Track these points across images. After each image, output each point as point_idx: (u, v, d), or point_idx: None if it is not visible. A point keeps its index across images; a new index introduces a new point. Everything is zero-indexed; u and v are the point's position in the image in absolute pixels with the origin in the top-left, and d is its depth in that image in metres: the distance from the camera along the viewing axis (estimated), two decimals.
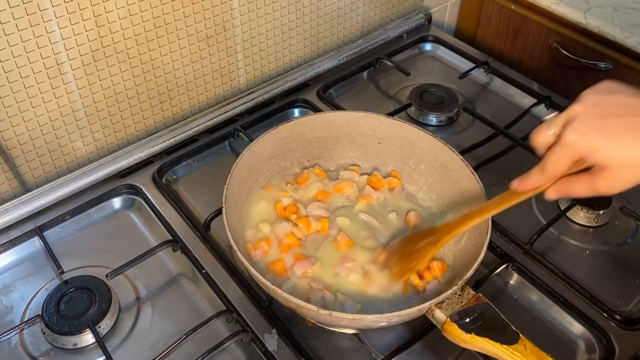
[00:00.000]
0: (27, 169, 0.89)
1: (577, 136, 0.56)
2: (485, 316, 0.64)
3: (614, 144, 0.54)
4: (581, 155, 0.56)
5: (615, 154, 0.54)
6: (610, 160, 0.55)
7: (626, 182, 0.56)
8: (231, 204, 0.74)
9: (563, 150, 0.57)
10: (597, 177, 0.56)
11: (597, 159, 0.55)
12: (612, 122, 0.55)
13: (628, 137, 0.54)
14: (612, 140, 0.54)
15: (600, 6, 1.15)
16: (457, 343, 0.65)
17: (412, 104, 1.08)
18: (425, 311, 0.65)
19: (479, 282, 0.78)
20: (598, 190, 0.57)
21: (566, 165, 0.58)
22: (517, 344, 0.62)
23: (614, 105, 0.56)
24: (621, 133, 0.54)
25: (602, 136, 0.55)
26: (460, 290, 0.66)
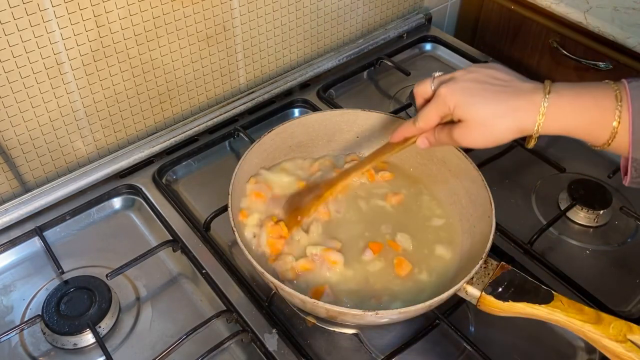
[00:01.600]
0: (27, 169, 0.89)
1: (447, 91, 0.64)
2: (515, 282, 0.67)
3: (471, 102, 0.63)
4: (448, 108, 0.64)
5: (469, 111, 0.63)
6: (465, 114, 0.63)
7: (477, 137, 0.64)
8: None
9: (435, 103, 0.66)
10: (455, 128, 0.65)
11: (457, 113, 0.64)
12: (478, 86, 0.63)
13: (483, 100, 0.62)
14: (471, 98, 0.63)
15: (600, 6, 1.15)
16: (495, 313, 0.67)
17: (412, 104, 1.08)
18: (459, 290, 0.67)
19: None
20: (454, 139, 0.65)
21: (435, 118, 0.67)
22: (554, 301, 0.64)
23: (488, 76, 0.64)
24: (480, 95, 0.62)
25: (466, 95, 0.63)
26: (484, 264, 0.68)
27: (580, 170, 0.97)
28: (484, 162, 0.94)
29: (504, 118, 0.61)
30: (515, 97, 0.62)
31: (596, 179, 0.94)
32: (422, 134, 0.70)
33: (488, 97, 0.62)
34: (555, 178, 0.96)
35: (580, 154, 1.02)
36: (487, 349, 0.71)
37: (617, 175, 0.94)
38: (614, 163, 0.98)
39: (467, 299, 0.68)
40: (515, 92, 0.62)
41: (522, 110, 0.61)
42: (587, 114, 0.60)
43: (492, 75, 0.64)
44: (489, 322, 0.74)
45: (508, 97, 0.62)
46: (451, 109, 0.64)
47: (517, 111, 0.61)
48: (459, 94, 0.63)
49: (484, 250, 0.68)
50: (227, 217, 0.71)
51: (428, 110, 0.67)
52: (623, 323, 0.61)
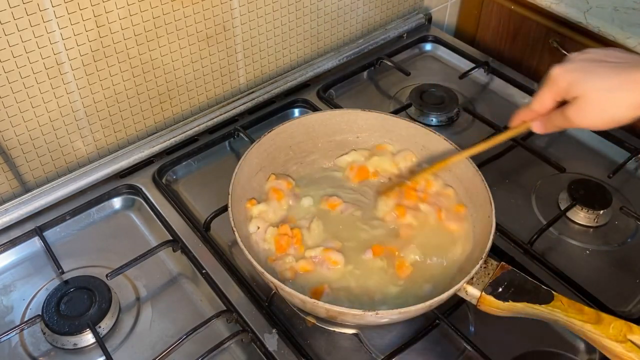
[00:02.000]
0: (27, 169, 0.89)
1: (560, 71, 0.61)
2: (515, 282, 0.67)
3: (585, 77, 0.59)
4: (561, 88, 0.61)
5: (583, 86, 0.59)
6: (579, 91, 0.60)
7: (593, 115, 0.60)
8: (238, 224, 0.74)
9: (547, 84, 0.63)
10: (568, 107, 0.61)
11: (571, 91, 0.60)
12: (595, 64, 0.60)
13: (600, 75, 0.59)
14: (588, 74, 0.59)
15: (600, 6, 1.15)
16: (495, 313, 0.67)
17: (412, 104, 1.08)
18: (459, 290, 0.67)
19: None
20: (568, 118, 0.61)
21: (549, 99, 0.64)
22: (554, 301, 0.65)
23: (603, 55, 0.61)
24: (596, 71, 0.59)
25: (582, 72, 0.60)
26: (484, 264, 0.68)
27: (580, 170, 0.97)
28: (484, 162, 0.94)
29: (621, 92, 0.58)
30: (632, 70, 0.58)
31: (596, 179, 0.94)
32: (537, 119, 0.67)
33: (603, 72, 0.59)
34: (555, 178, 0.96)
35: (580, 154, 1.02)
36: (487, 349, 0.71)
37: (617, 175, 0.94)
38: (614, 163, 0.98)
39: (467, 299, 0.68)
40: (632, 65, 0.58)
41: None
42: None
43: (608, 54, 0.61)
44: (489, 322, 0.74)
45: (624, 70, 0.58)
46: (564, 89, 0.61)
47: (636, 83, 0.57)
48: (572, 72, 0.61)
49: (484, 251, 0.68)
50: (227, 217, 0.71)
51: (541, 91, 0.64)
52: (623, 323, 0.61)
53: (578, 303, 0.64)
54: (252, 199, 0.79)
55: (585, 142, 1.04)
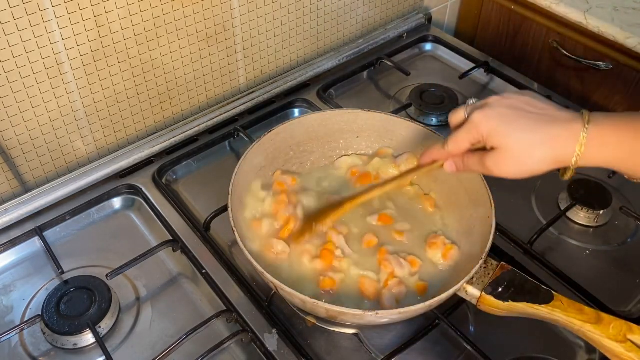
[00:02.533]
0: (27, 169, 0.89)
1: (481, 118, 0.61)
2: (515, 282, 0.67)
3: (507, 129, 0.60)
4: (480, 135, 0.62)
5: (505, 138, 0.60)
6: (500, 142, 0.60)
7: (510, 167, 0.61)
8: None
9: (466, 128, 0.63)
10: (487, 156, 0.62)
11: (491, 140, 0.61)
12: (515, 113, 0.60)
13: (521, 128, 0.59)
14: (507, 125, 0.60)
15: (600, 6, 1.15)
16: (495, 313, 0.67)
17: (412, 104, 1.08)
18: (459, 290, 0.67)
19: None
20: (486, 167, 0.62)
21: (466, 144, 0.64)
22: (554, 301, 0.64)
23: (524, 102, 0.61)
24: (518, 122, 0.60)
25: (502, 122, 0.60)
26: (484, 264, 0.68)
27: (580, 170, 0.97)
28: None
29: (540, 147, 0.59)
30: (552, 125, 0.59)
31: (596, 179, 0.94)
32: (451, 159, 0.67)
33: (524, 124, 0.59)
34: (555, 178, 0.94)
35: None
36: (487, 349, 0.71)
37: (617, 175, 0.94)
38: None
39: (467, 299, 0.68)
40: (553, 120, 0.59)
41: (560, 139, 0.58)
42: (627, 146, 0.58)
43: (527, 102, 0.61)
44: (489, 322, 0.74)
45: (545, 125, 0.59)
46: (484, 136, 0.61)
47: (555, 140, 0.58)
48: (493, 120, 0.61)
49: (484, 251, 0.68)
50: (227, 217, 0.71)
51: (459, 134, 0.64)
52: (623, 323, 0.61)
53: (578, 303, 0.64)
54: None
55: None
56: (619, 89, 1.14)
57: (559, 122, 0.59)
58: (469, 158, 0.65)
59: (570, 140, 0.58)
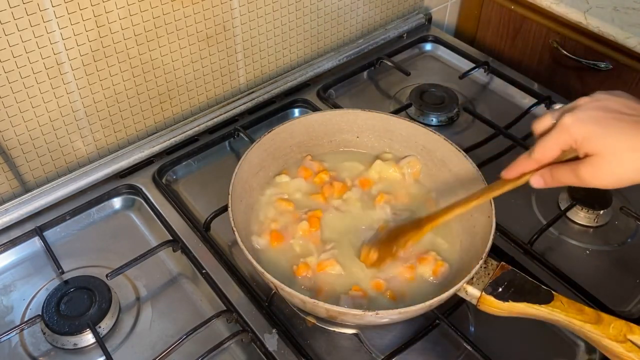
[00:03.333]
0: (27, 169, 0.89)
1: (573, 121, 0.56)
2: (515, 282, 0.67)
3: (605, 133, 0.54)
4: (573, 140, 0.56)
5: (603, 143, 0.54)
6: (597, 147, 0.55)
7: (608, 175, 0.55)
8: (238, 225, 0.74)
9: (556, 133, 0.57)
10: (582, 164, 0.56)
11: (585, 146, 0.55)
12: (611, 115, 0.55)
13: (620, 131, 0.54)
14: (605, 129, 0.54)
15: (600, 6, 1.15)
16: (495, 313, 0.67)
17: (412, 104, 1.08)
18: (459, 290, 0.67)
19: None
20: (580, 177, 0.56)
21: (556, 150, 0.58)
22: (554, 301, 0.64)
23: (619, 104, 0.56)
24: (616, 126, 0.54)
25: (597, 125, 0.55)
26: (484, 264, 0.68)
27: None
28: (484, 162, 0.94)
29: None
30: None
31: None
32: (537, 172, 0.61)
33: (622, 127, 0.54)
34: None
35: None
36: (487, 349, 0.71)
37: None
38: None
39: (467, 299, 0.68)
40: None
41: None
42: None
43: (623, 103, 0.56)
44: (489, 322, 0.74)
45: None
46: (578, 141, 0.55)
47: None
48: (587, 123, 0.55)
49: (484, 251, 0.68)
50: (227, 217, 0.71)
51: (548, 139, 0.58)
52: (623, 323, 0.61)
53: (578, 303, 0.64)
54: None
55: None
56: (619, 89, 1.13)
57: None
58: (558, 169, 0.59)
59: None
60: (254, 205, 0.81)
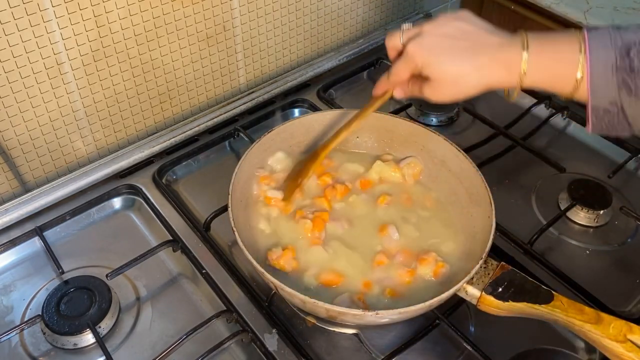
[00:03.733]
0: (27, 169, 0.89)
1: (415, 49, 0.66)
2: (515, 282, 0.67)
3: (439, 61, 0.65)
4: (416, 65, 0.67)
5: (437, 69, 0.65)
6: (434, 73, 0.65)
7: (445, 94, 0.66)
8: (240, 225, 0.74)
9: (404, 60, 0.68)
10: (425, 85, 0.68)
11: (426, 71, 0.66)
12: (445, 43, 0.65)
13: (450, 58, 0.64)
14: (437, 57, 0.65)
15: (600, 6, 1.15)
16: (495, 313, 0.67)
17: (412, 104, 1.08)
18: (459, 290, 0.67)
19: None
20: (424, 94, 0.68)
21: (406, 73, 0.69)
22: (554, 301, 0.65)
23: (456, 29, 0.65)
24: (446, 53, 0.64)
25: (433, 53, 0.65)
26: (484, 264, 0.68)
27: (580, 170, 0.97)
28: (484, 162, 0.94)
29: (470, 76, 0.64)
30: (482, 53, 0.63)
31: (596, 179, 0.94)
32: (398, 87, 0.73)
33: (454, 54, 0.64)
34: (555, 178, 0.96)
35: (580, 154, 1.02)
36: (487, 349, 0.71)
37: (617, 175, 0.94)
38: (614, 163, 0.98)
39: (467, 299, 0.68)
40: (483, 47, 0.64)
41: (489, 67, 0.63)
42: (551, 69, 0.62)
43: (460, 28, 0.65)
44: (489, 322, 0.74)
45: (475, 53, 0.63)
46: (419, 67, 0.66)
47: (484, 68, 0.63)
48: (426, 52, 0.65)
49: (484, 250, 0.68)
50: (227, 217, 0.71)
51: (398, 65, 0.69)
52: (623, 323, 0.61)
53: (578, 303, 0.64)
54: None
55: (585, 142, 1.04)
56: None
57: (489, 50, 0.63)
58: (413, 84, 0.71)
59: (501, 67, 0.62)
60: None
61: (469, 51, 0.64)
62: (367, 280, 0.73)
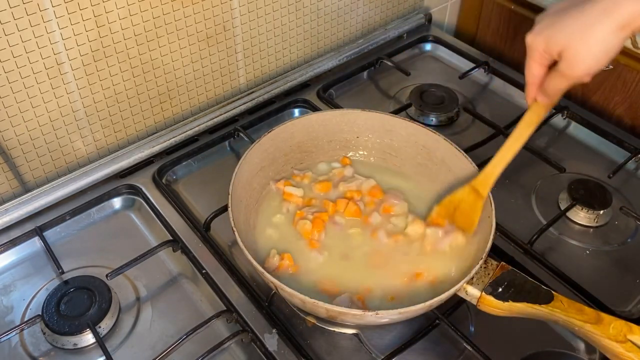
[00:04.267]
0: (27, 169, 0.89)
1: (533, 36, 0.63)
2: (515, 282, 0.67)
3: (560, 28, 0.60)
4: (543, 51, 0.62)
5: (563, 35, 0.60)
6: (561, 42, 0.60)
7: (585, 57, 0.60)
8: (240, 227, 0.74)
9: (528, 55, 0.64)
10: (559, 64, 0.62)
11: (552, 49, 0.61)
12: (561, 14, 0.61)
13: (567, 19, 0.60)
14: (558, 25, 0.60)
15: None
16: (495, 313, 0.67)
17: (412, 104, 1.08)
18: (459, 290, 0.67)
19: None
20: (564, 74, 0.62)
21: (538, 67, 0.64)
22: (554, 301, 0.65)
23: (566, 3, 0.62)
24: (566, 18, 0.60)
25: (552, 27, 0.61)
26: (484, 264, 0.68)
27: (580, 170, 0.97)
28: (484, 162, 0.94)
29: (598, 24, 0.58)
30: (594, 4, 0.58)
31: (596, 179, 0.95)
32: (537, 93, 0.67)
33: (572, 16, 0.59)
34: (555, 178, 0.96)
35: (580, 154, 1.02)
36: (487, 349, 0.71)
37: (617, 175, 0.94)
38: (614, 163, 0.98)
39: (467, 299, 0.68)
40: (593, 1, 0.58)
41: (612, 4, 0.57)
42: None
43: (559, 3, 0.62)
44: (489, 322, 0.74)
45: (591, 4, 0.58)
46: (546, 50, 0.62)
47: (607, 11, 0.57)
48: (543, 30, 0.62)
49: (484, 250, 0.68)
50: (227, 217, 0.71)
51: (527, 65, 0.65)
52: (623, 323, 0.61)
53: (578, 303, 0.64)
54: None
55: (585, 142, 1.04)
56: (619, 89, 1.14)
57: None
58: (547, 81, 0.65)
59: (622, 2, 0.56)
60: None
61: (585, 5, 0.58)
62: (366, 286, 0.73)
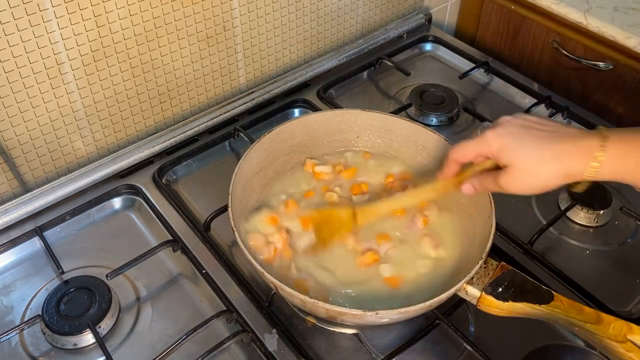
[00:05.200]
0: (27, 169, 0.89)
1: (493, 134, 0.63)
2: (515, 282, 0.67)
3: (517, 146, 0.62)
4: (490, 151, 0.64)
5: (515, 154, 0.62)
6: (511, 159, 0.62)
7: (524, 184, 0.62)
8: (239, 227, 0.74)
9: (477, 141, 0.65)
10: (501, 174, 0.64)
11: (502, 157, 0.63)
12: (525, 130, 0.62)
13: (530, 144, 0.61)
14: (516, 142, 0.62)
15: (600, 6, 1.15)
16: (495, 313, 0.67)
17: (412, 104, 1.08)
18: (459, 290, 0.67)
19: None
20: (500, 185, 0.64)
21: (471, 153, 0.66)
22: (554, 301, 0.65)
23: (534, 122, 0.63)
24: (525, 140, 0.61)
25: (512, 139, 0.62)
26: (484, 264, 0.68)
27: None
28: None
29: (550, 162, 0.60)
30: (562, 141, 0.61)
31: None
32: (467, 181, 0.69)
33: (534, 141, 0.61)
34: None
35: None
36: (487, 349, 0.71)
37: None
38: None
39: (467, 299, 0.68)
40: (562, 136, 0.61)
41: (569, 155, 0.60)
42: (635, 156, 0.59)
43: (538, 121, 0.63)
44: (489, 322, 0.74)
45: (554, 141, 0.61)
46: (495, 152, 0.63)
47: (564, 156, 0.60)
48: (505, 137, 0.63)
49: (484, 250, 0.68)
50: (227, 217, 0.71)
51: (466, 143, 0.67)
52: (623, 323, 0.61)
53: (578, 303, 0.64)
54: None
55: None
56: (619, 89, 1.14)
57: (569, 139, 0.61)
58: (485, 178, 0.67)
59: (580, 155, 0.59)
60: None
61: (550, 138, 0.61)
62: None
